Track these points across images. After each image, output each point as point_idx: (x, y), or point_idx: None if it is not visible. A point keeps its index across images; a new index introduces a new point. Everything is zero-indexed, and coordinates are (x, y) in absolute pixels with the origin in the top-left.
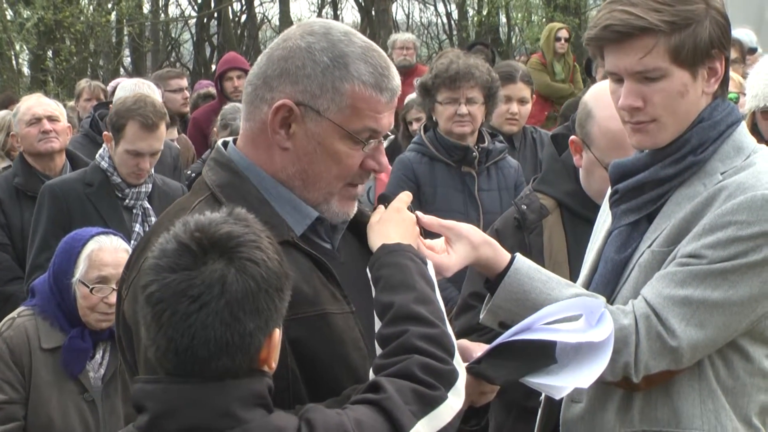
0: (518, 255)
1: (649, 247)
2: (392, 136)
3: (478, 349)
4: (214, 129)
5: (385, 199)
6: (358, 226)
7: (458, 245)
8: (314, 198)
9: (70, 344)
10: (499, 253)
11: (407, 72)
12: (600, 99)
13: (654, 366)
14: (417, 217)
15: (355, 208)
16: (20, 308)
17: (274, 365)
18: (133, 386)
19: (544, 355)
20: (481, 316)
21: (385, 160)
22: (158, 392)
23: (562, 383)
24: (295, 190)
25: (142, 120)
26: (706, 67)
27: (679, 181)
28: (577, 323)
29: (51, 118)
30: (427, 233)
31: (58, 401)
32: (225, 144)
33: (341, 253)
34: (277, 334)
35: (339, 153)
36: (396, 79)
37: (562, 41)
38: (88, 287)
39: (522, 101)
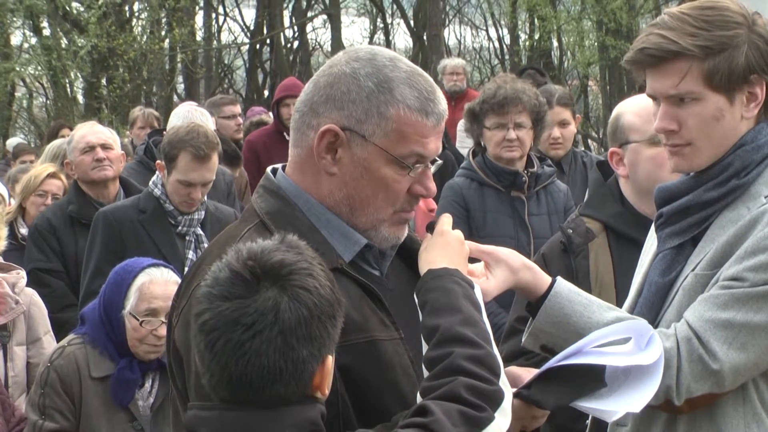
0: (558, 278)
1: (693, 270)
2: (440, 162)
3: (527, 374)
4: None
5: (432, 227)
6: (407, 252)
7: (497, 270)
8: (362, 224)
9: (119, 375)
10: (538, 277)
11: (458, 97)
12: (623, 103)
13: (696, 389)
14: None
15: (406, 232)
16: (70, 336)
17: (327, 391)
18: (188, 412)
19: (593, 378)
20: (523, 340)
21: (432, 185)
22: (213, 419)
23: (613, 407)
24: (342, 216)
25: (194, 151)
26: (745, 92)
27: (722, 204)
28: (626, 346)
29: (104, 146)
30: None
31: (108, 429)
32: (274, 171)
33: (390, 279)
34: (330, 360)
35: (385, 178)
36: (442, 103)
37: None
38: (138, 320)
39: (562, 124)
